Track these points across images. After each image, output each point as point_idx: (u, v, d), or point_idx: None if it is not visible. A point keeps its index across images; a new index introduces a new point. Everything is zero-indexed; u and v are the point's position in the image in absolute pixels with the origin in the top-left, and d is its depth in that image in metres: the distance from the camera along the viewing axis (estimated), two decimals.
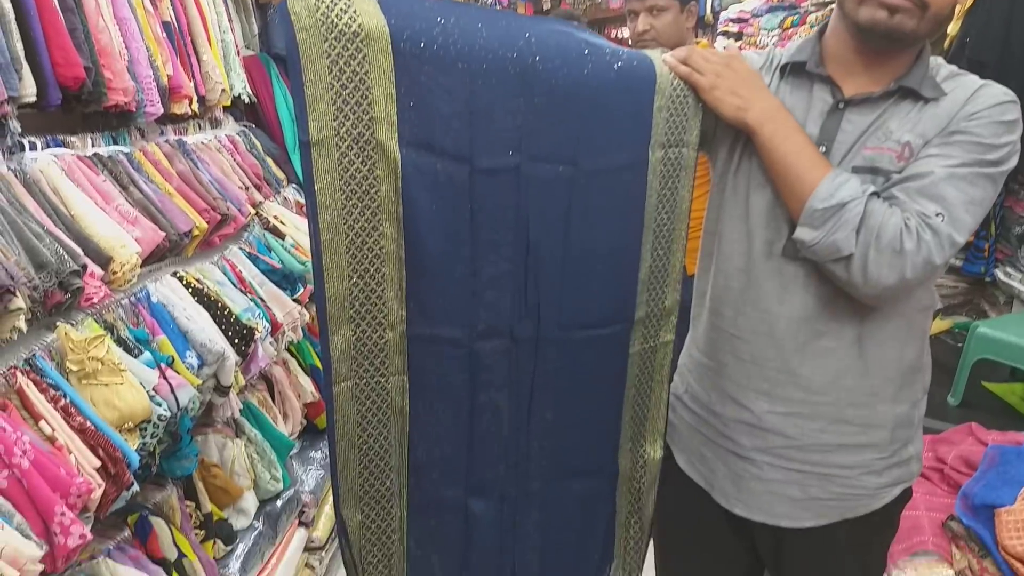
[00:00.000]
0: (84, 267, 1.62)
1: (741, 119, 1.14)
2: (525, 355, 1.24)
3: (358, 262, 1.12)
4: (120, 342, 1.69)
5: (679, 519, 1.43)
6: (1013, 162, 1.07)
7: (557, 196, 1.17)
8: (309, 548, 2.44)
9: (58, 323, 1.56)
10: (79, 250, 1.65)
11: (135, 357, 1.67)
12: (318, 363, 2.78)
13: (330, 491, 2.59)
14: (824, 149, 1.13)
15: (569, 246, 1.20)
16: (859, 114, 1.13)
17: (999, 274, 3.34)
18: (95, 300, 1.66)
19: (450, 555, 1.34)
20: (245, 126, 2.89)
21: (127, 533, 1.67)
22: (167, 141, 2.30)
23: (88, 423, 1.46)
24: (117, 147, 2.10)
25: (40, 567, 1.23)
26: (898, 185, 1.07)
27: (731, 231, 1.23)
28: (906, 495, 1.27)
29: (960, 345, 2.93)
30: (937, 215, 1.03)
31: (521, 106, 1.11)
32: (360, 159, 1.08)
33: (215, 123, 2.70)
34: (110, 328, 1.69)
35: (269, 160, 2.88)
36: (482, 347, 1.21)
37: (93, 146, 2.03)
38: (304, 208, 1.12)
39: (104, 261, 1.72)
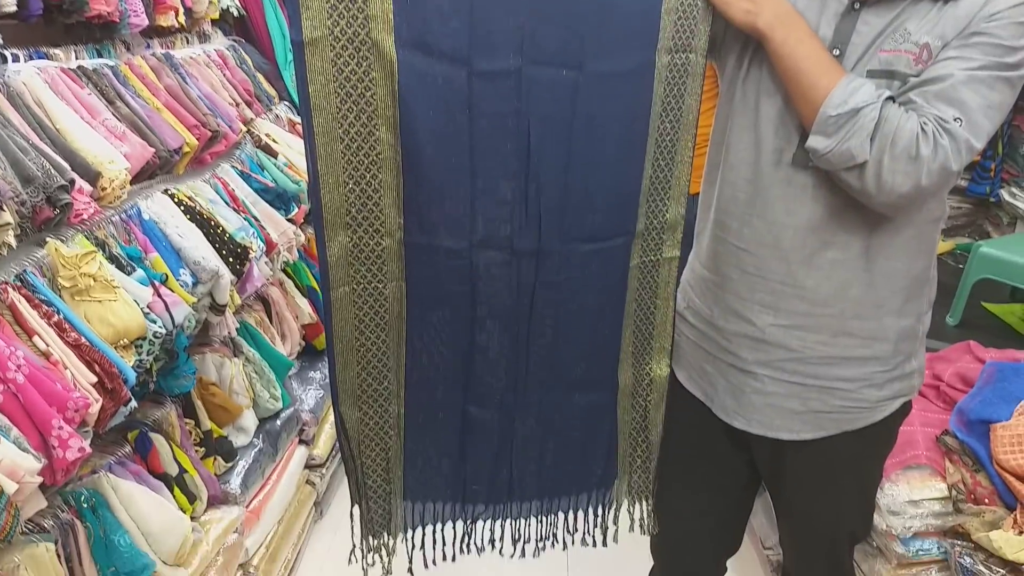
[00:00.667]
0: (72, 182, 1.58)
1: (751, 24, 1.09)
2: (525, 268, 1.22)
3: (354, 168, 1.10)
4: (112, 259, 1.66)
5: (678, 433, 1.43)
6: None
7: (560, 101, 1.13)
8: (310, 465, 2.48)
9: (48, 239, 1.54)
10: (66, 165, 1.61)
11: (128, 275, 1.65)
12: (315, 285, 2.77)
13: (330, 411, 2.62)
14: (838, 52, 1.09)
15: (572, 155, 1.16)
16: (875, 15, 1.08)
17: (1004, 194, 3.30)
18: (85, 216, 1.63)
19: (447, 454, 1.36)
20: (234, 40, 2.80)
21: (128, 449, 1.69)
22: (153, 55, 2.23)
23: (83, 339, 1.45)
24: (102, 60, 2.03)
25: (39, 480, 1.24)
26: (915, 89, 1.04)
27: (739, 140, 1.20)
28: (906, 408, 1.27)
29: (961, 266, 2.91)
30: (955, 119, 0.99)
31: (523, 5, 1.07)
32: (355, 60, 1.04)
33: (203, 37, 2.62)
34: (101, 245, 1.67)
35: (260, 76, 2.80)
36: (481, 258, 1.19)
37: (77, 59, 1.96)
38: (297, 126, 1.09)
39: (92, 177, 1.68)
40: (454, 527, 1.45)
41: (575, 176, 1.18)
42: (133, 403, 1.52)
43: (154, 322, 1.60)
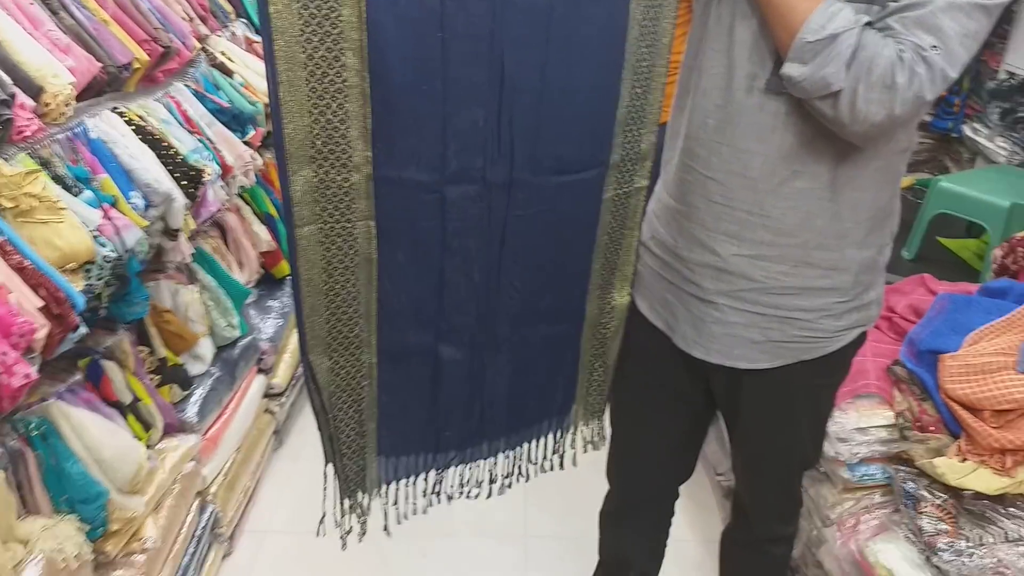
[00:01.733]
0: (13, 96, 1.51)
1: None
2: (497, 200, 1.18)
3: (319, 96, 1.03)
4: (58, 180, 1.60)
5: (637, 362, 1.45)
6: None
7: (535, 24, 1.08)
8: (268, 395, 2.47)
9: None
10: (7, 78, 1.53)
11: (75, 196, 1.59)
12: (272, 211, 2.71)
13: (288, 339, 2.60)
14: None
15: (546, 82, 1.12)
16: None
17: (966, 130, 3.32)
18: (27, 133, 1.55)
19: (420, 400, 1.34)
20: None
21: (79, 376, 1.65)
22: None
23: (27, 262, 1.40)
24: None
25: None
26: (894, 15, 1.01)
27: (711, 65, 1.17)
28: (861, 339, 1.29)
29: (920, 201, 2.95)
30: (933, 48, 0.98)
31: None
32: None
33: None
34: (46, 164, 1.60)
35: None
36: (453, 191, 1.16)
37: None
38: (255, 45, 1.03)
39: (35, 91, 1.60)
40: (426, 478, 1.43)
41: (549, 104, 1.14)
42: (83, 329, 1.48)
43: (103, 245, 1.55)
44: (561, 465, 1.51)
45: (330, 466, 1.36)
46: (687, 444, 1.54)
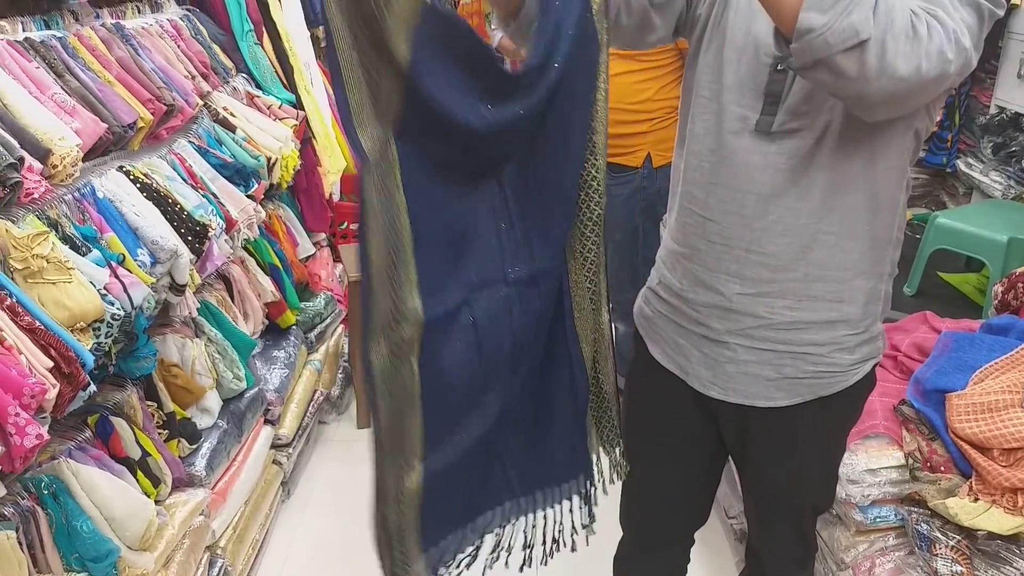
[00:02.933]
0: (21, 160, 1.54)
1: None
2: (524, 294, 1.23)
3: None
4: (66, 240, 1.62)
5: (649, 406, 1.45)
6: (1000, 11, 1.02)
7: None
8: (276, 445, 2.46)
9: None
10: (15, 142, 1.56)
11: (83, 255, 1.61)
12: (276, 261, 2.73)
13: (294, 389, 2.60)
14: None
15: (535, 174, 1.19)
16: None
17: (960, 165, 3.36)
18: (36, 195, 1.58)
19: (460, 487, 1.34)
20: (188, 10, 2.72)
21: (88, 434, 1.65)
22: (103, 25, 2.15)
23: (37, 323, 1.41)
24: (49, 31, 1.96)
25: None
26: None
27: (702, 111, 1.20)
28: (871, 377, 1.29)
29: (918, 236, 2.97)
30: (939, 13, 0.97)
31: None
32: None
33: (155, 6, 2.54)
34: (54, 225, 1.62)
35: (216, 47, 2.73)
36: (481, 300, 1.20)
37: (23, 31, 1.89)
38: (256, 99, 1.06)
39: (42, 154, 1.63)
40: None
41: (539, 196, 1.20)
42: (92, 387, 1.49)
43: (112, 304, 1.57)
44: (591, 515, 1.49)
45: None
46: (701, 488, 1.54)
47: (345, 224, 3.54)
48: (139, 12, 2.42)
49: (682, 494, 1.52)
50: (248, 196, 2.42)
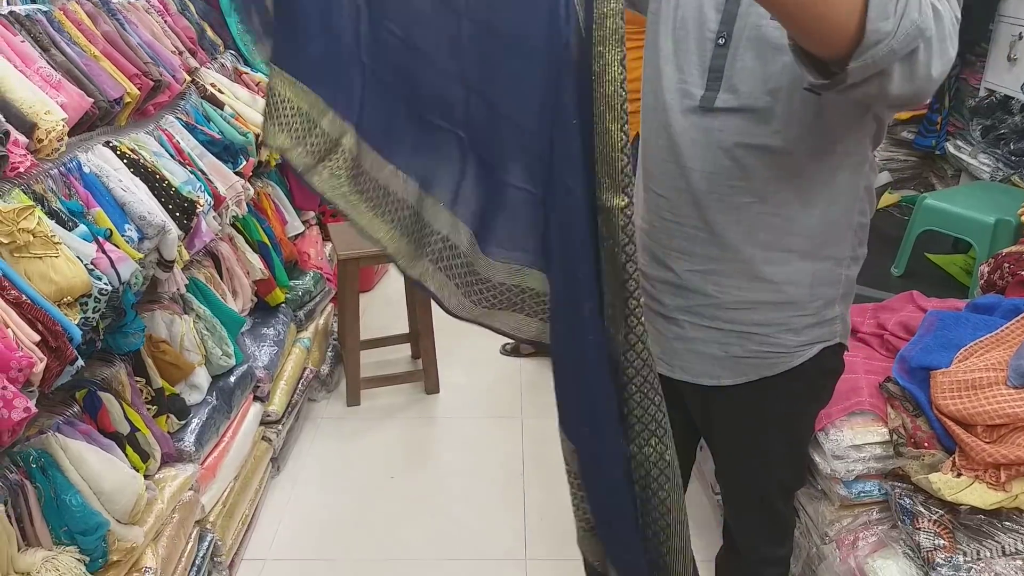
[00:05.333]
0: (7, 134, 1.52)
1: None
2: None
3: None
4: (52, 214, 1.61)
5: None
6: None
7: None
8: (265, 422, 2.46)
9: None
10: (0, 116, 1.54)
11: (70, 230, 1.60)
12: (265, 239, 2.72)
13: (284, 366, 2.60)
14: None
15: None
16: None
17: (949, 147, 3.37)
18: (21, 170, 1.56)
19: None
20: None
21: (76, 409, 1.65)
22: (89, 0, 2.13)
23: (24, 297, 1.40)
24: (35, 5, 1.94)
25: None
26: None
27: (653, 87, 1.21)
28: (828, 356, 1.28)
29: (906, 218, 2.99)
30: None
31: None
32: None
33: None
34: (40, 200, 1.61)
35: (204, 24, 2.70)
36: None
37: (9, 4, 1.87)
38: (244, 76, 1.04)
39: (28, 128, 1.62)
40: None
41: None
42: (80, 362, 1.49)
43: (99, 279, 1.56)
44: None
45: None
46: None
47: None
48: None
49: None
50: (236, 173, 2.40)
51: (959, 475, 1.48)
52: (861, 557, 1.54)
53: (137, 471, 1.68)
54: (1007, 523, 1.43)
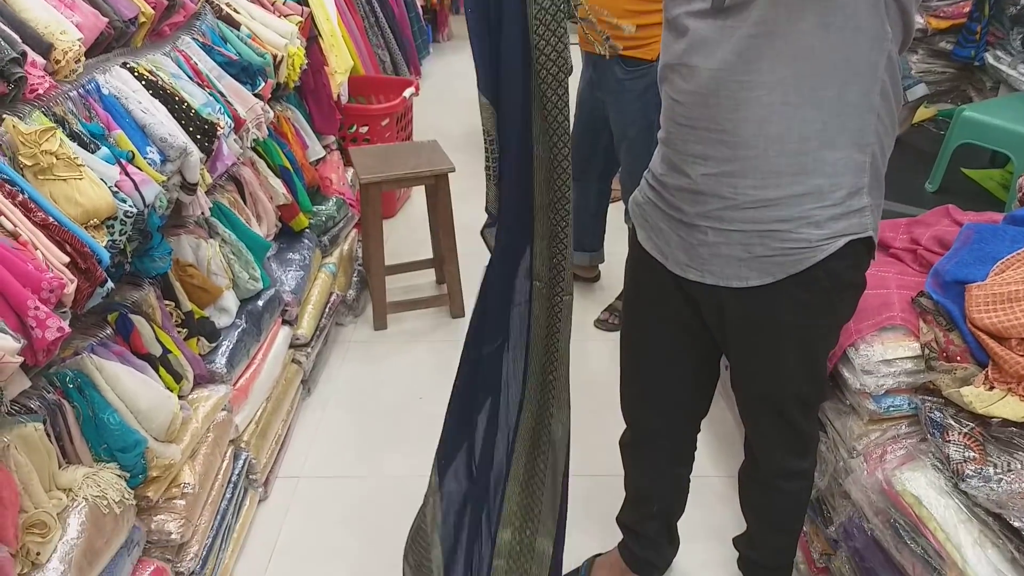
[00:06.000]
0: (23, 54, 1.50)
1: None
2: None
3: None
4: (74, 137, 1.60)
5: (641, 296, 1.49)
6: None
7: None
8: (294, 345, 2.49)
9: (4, 115, 1.46)
10: (16, 36, 1.52)
11: (91, 153, 1.59)
12: (287, 164, 2.70)
13: (311, 291, 2.61)
14: None
15: None
16: None
17: (988, 58, 3.24)
18: (40, 91, 1.55)
19: None
20: None
21: (109, 331, 1.67)
22: None
23: (51, 219, 1.41)
24: None
25: (19, 359, 1.23)
26: None
27: None
28: (856, 251, 1.25)
29: (943, 133, 2.89)
30: None
31: None
32: None
33: None
34: (61, 122, 1.59)
35: None
36: None
37: None
38: None
39: (44, 49, 1.59)
40: None
41: None
42: (109, 284, 1.50)
43: (124, 201, 1.56)
44: None
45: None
46: (697, 380, 1.56)
47: (355, 127, 3.49)
48: None
49: (676, 385, 1.55)
50: (255, 95, 2.37)
51: (991, 388, 1.46)
52: (889, 470, 1.54)
53: (171, 391, 1.71)
54: None
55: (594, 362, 2.62)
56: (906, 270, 1.85)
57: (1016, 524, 1.27)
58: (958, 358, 1.56)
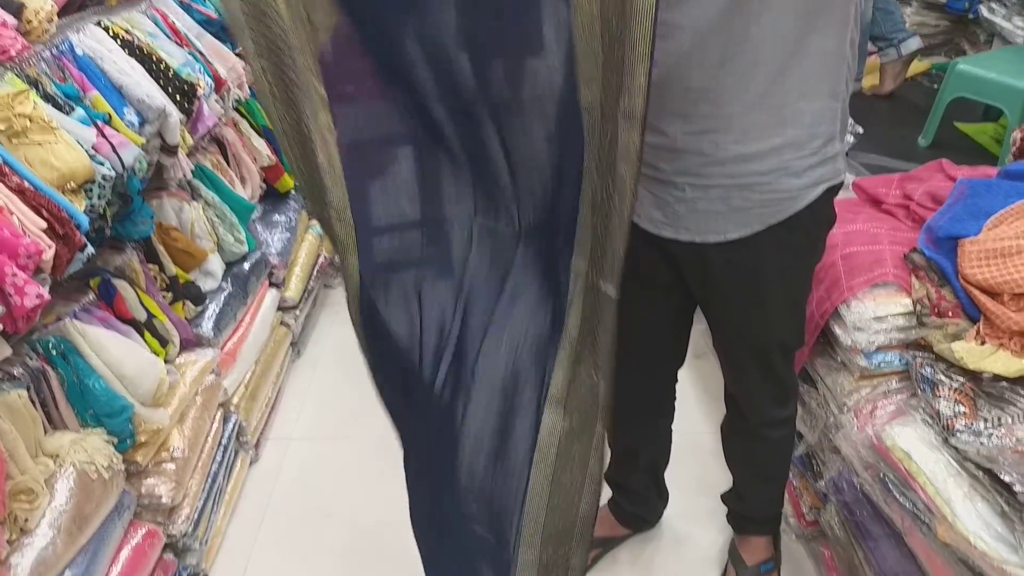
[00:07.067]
0: None
1: None
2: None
3: None
4: (48, 99, 1.55)
5: None
6: None
7: None
8: (283, 307, 2.48)
9: None
10: None
11: (67, 115, 1.55)
12: (270, 124, 2.64)
13: (298, 253, 2.58)
14: None
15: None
16: None
17: (983, 10, 3.19)
18: (12, 53, 1.51)
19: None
20: None
21: (91, 296, 1.65)
22: None
23: (26, 183, 1.37)
24: None
25: None
26: None
27: None
28: (825, 202, 1.28)
29: (936, 87, 2.85)
30: None
31: None
32: None
33: None
34: (34, 84, 1.55)
35: None
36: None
37: None
38: None
39: (15, 8, 1.55)
40: None
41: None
42: (90, 249, 1.47)
43: (101, 164, 1.52)
44: None
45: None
46: (672, 332, 1.57)
47: None
48: None
49: (649, 338, 1.54)
50: (237, 54, 2.31)
51: (983, 343, 1.45)
52: (879, 425, 1.54)
53: (157, 356, 1.69)
54: None
55: None
56: (899, 226, 1.83)
57: (1006, 478, 1.27)
58: (950, 314, 1.55)
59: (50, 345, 1.47)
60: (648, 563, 1.86)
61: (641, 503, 1.86)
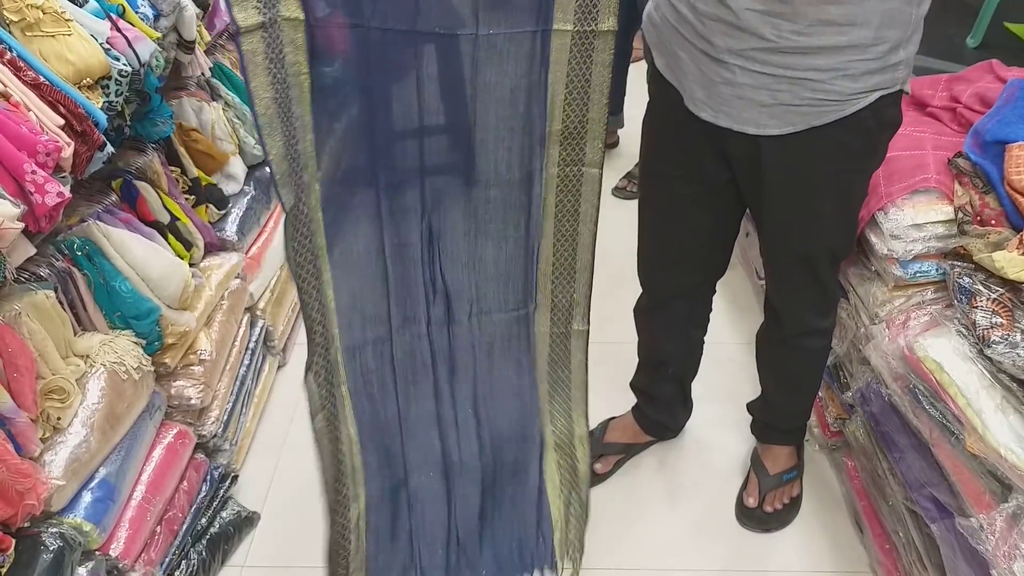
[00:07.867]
0: None
1: None
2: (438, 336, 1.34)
3: None
4: None
5: (658, 122, 1.42)
6: None
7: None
8: None
9: None
10: None
11: (80, 7, 1.49)
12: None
13: None
14: None
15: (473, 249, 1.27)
16: None
17: None
18: None
19: (397, 537, 1.48)
20: None
21: (114, 198, 1.63)
22: None
23: (41, 78, 1.34)
24: None
25: (20, 225, 1.19)
26: None
27: None
28: (888, 106, 1.22)
29: None
30: None
31: None
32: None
33: None
34: None
35: None
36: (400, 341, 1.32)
37: None
38: None
39: None
40: None
41: (476, 262, 1.29)
42: (109, 148, 1.44)
43: (117, 59, 1.47)
44: None
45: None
46: (716, 237, 1.53)
47: None
48: None
49: (695, 242, 1.51)
50: None
51: None
52: (911, 336, 1.51)
53: (181, 259, 1.69)
54: None
55: (611, 232, 2.56)
56: (944, 130, 1.75)
57: None
58: (992, 222, 1.49)
59: (75, 246, 1.46)
60: (672, 469, 1.88)
61: (666, 412, 1.87)
